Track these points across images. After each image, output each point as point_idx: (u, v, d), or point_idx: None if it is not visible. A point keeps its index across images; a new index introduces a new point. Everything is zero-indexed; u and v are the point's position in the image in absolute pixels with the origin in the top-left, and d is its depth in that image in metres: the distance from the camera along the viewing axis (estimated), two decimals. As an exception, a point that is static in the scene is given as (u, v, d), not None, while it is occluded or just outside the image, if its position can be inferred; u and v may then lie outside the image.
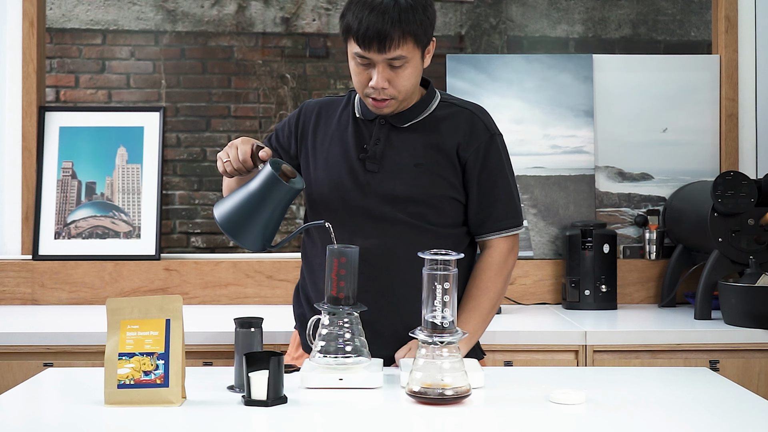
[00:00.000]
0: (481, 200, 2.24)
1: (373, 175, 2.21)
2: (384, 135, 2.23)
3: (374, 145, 2.22)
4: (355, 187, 2.21)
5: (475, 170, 2.23)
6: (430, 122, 2.25)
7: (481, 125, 2.25)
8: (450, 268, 1.85)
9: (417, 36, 2.11)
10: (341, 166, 2.23)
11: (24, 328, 2.86)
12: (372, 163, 2.21)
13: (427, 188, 2.20)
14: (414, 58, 2.13)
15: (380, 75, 2.12)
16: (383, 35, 2.07)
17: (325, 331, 1.99)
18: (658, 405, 1.88)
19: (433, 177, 2.20)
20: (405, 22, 2.08)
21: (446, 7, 4.95)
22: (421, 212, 2.19)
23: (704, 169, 3.49)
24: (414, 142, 2.22)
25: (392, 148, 2.22)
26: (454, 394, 1.83)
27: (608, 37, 4.87)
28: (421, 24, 2.10)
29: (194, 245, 5.03)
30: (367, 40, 2.08)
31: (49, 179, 3.40)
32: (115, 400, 1.83)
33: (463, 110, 2.27)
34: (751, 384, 2.77)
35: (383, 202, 2.19)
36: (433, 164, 2.21)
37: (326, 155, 2.26)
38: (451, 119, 2.25)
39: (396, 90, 2.15)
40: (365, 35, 2.08)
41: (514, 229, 2.27)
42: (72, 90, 4.94)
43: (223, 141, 5.01)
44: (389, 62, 2.11)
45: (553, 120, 3.48)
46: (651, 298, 3.40)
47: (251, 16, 4.98)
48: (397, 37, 2.08)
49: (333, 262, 1.98)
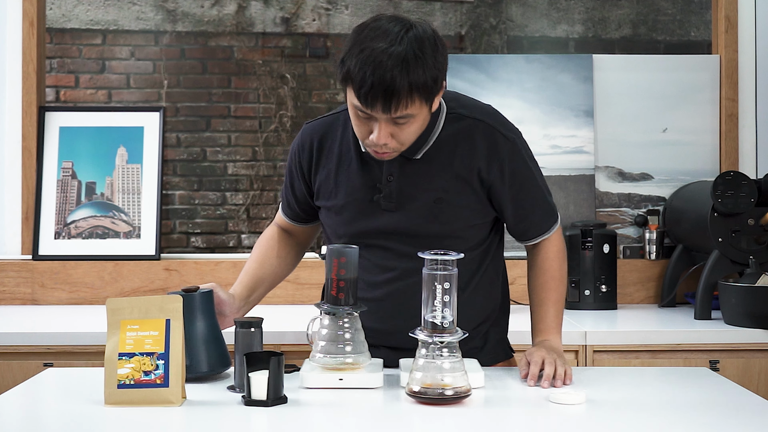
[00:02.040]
0: (517, 212, 2.13)
1: (390, 215, 2.07)
2: (396, 169, 2.06)
3: (387, 182, 2.06)
4: (373, 228, 2.10)
5: (504, 187, 2.09)
6: (443, 146, 2.06)
7: (499, 137, 2.08)
8: (450, 268, 1.85)
9: (428, 92, 1.91)
10: (355, 209, 2.10)
11: (24, 328, 2.86)
12: (388, 201, 2.07)
13: (450, 224, 2.07)
14: (421, 114, 1.94)
15: (382, 131, 1.93)
16: (389, 95, 1.86)
17: (325, 331, 1.99)
18: (658, 405, 1.88)
19: (455, 210, 2.06)
20: (414, 81, 1.87)
21: (446, 7, 4.95)
22: (445, 246, 2.01)
23: (704, 169, 3.49)
24: (430, 174, 2.06)
25: (408, 182, 2.06)
26: (454, 394, 1.83)
27: (608, 37, 4.87)
28: (431, 78, 1.90)
29: (194, 245, 5.04)
30: (370, 99, 1.88)
31: (49, 179, 3.40)
32: (115, 400, 1.83)
33: (475, 122, 2.08)
34: (751, 384, 2.77)
35: (404, 240, 2.06)
36: (453, 197, 2.06)
37: (335, 193, 2.12)
38: (465, 138, 2.07)
39: (399, 143, 1.97)
40: (368, 94, 1.87)
41: (555, 225, 2.19)
42: (72, 90, 4.94)
43: (223, 141, 5.01)
44: (393, 119, 1.92)
45: (553, 120, 3.48)
46: (651, 298, 3.40)
47: (251, 16, 4.98)
48: (405, 96, 1.87)
49: (333, 262, 1.97)
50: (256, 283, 2.25)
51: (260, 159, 5.04)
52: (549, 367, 2.01)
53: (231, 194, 5.04)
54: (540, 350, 2.08)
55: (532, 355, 2.06)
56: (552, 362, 2.02)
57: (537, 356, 2.05)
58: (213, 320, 2.07)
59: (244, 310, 2.22)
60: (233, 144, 5.04)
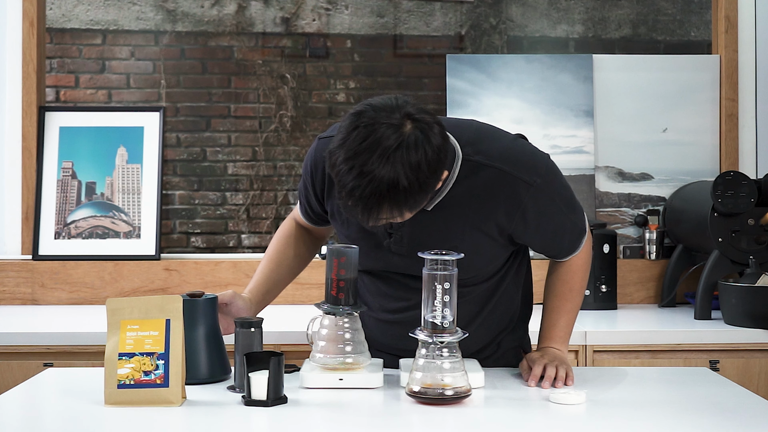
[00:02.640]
0: (545, 243, 2.06)
1: (401, 258, 2.00)
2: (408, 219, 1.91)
3: (398, 227, 1.96)
4: (385, 267, 2.05)
5: (528, 230, 1.99)
6: (457, 196, 1.94)
7: (520, 185, 1.93)
8: (450, 268, 1.85)
9: (417, 206, 1.82)
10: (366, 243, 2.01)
11: (24, 328, 2.86)
12: (398, 247, 1.99)
13: (465, 270, 1.93)
14: (414, 211, 1.84)
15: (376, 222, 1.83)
16: (367, 218, 1.78)
17: (325, 331, 1.99)
18: (658, 405, 1.88)
19: (470, 257, 1.92)
20: (397, 207, 1.77)
21: (446, 7, 4.95)
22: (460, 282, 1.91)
23: (704, 169, 3.49)
24: (444, 225, 1.96)
25: (420, 231, 1.96)
26: (454, 394, 1.83)
27: (608, 37, 4.87)
28: (416, 202, 1.79)
29: (194, 245, 5.04)
30: (349, 210, 1.80)
31: (49, 179, 3.40)
32: (115, 400, 1.82)
33: (494, 171, 1.93)
34: (751, 384, 2.77)
35: (417, 280, 1.93)
36: (468, 245, 1.94)
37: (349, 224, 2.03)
38: (482, 190, 1.93)
39: (399, 219, 1.86)
40: (350, 211, 1.80)
41: (583, 240, 2.11)
42: (72, 90, 4.94)
43: (223, 141, 5.01)
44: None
45: (553, 120, 3.48)
46: (651, 298, 3.40)
47: (251, 16, 4.98)
48: (387, 216, 1.79)
49: (333, 262, 1.97)
50: (272, 286, 2.25)
51: (260, 159, 5.04)
52: (550, 369, 2.00)
53: (231, 194, 5.04)
54: (542, 356, 2.07)
55: (534, 359, 2.06)
56: (554, 366, 2.01)
57: (539, 360, 2.04)
58: (215, 326, 2.07)
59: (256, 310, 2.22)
60: (233, 144, 5.04)
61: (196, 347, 2.02)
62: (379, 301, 2.11)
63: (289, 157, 5.06)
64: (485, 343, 2.15)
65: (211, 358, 2.03)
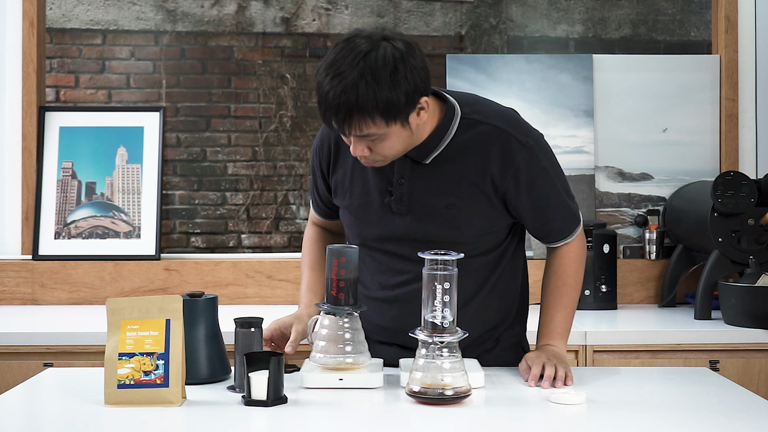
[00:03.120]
0: (537, 219, 2.10)
1: (402, 218, 2.05)
2: (407, 172, 2.04)
3: (399, 184, 2.04)
4: (386, 233, 2.09)
5: (520, 195, 2.04)
6: (454, 151, 2.02)
7: (514, 142, 2.02)
8: (450, 268, 1.85)
9: (386, 115, 1.87)
10: (369, 213, 2.09)
11: (24, 328, 2.86)
12: (399, 205, 2.05)
13: (461, 229, 2.04)
14: (391, 132, 1.90)
15: (356, 146, 1.93)
16: (341, 120, 1.87)
17: (325, 331, 1.99)
18: (658, 405, 1.88)
19: (467, 216, 2.03)
20: (365, 106, 1.84)
21: (446, 7, 4.95)
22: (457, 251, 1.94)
23: (704, 169, 3.49)
24: (442, 179, 2.03)
25: (419, 186, 2.03)
26: (454, 394, 1.83)
27: (608, 37, 4.87)
28: (388, 103, 1.85)
29: (194, 245, 5.03)
30: (327, 121, 1.90)
31: (49, 179, 3.40)
32: (115, 400, 1.83)
33: (489, 128, 2.03)
34: (751, 384, 2.77)
35: (417, 245, 2.00)
36: (465, 203, 2.03)
37: (350, 195, 2.12)
38: (479, 144, 2.02)
39: (380, 156, 1.95)
40: (325, 115, 1.89)
41: (577, 230, 2.16)
42: (72, 90, 4.94)
43: (223, 141, 5.01)
44: (360, 138, 1.91)
45: (553, 120, 3.48)
46: (651, 298, 3.40)
47: (251, 16, 4.98)
48: (356, 121, 1.87)
49: (333, 262, 1.97)
50: (318, 294, 2.25)
51: (260, 159, 5.04)
52: (549, 369, 2.00)
53: (231, 194, 5.04)
54: (540, 355, 2.07)
55: (533, 359, 2.06)
56: (552, 365, 2.02)
57: (538, 360, 2.05)
58: (215, 326, 2.07)
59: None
60: (233, 144, 5.04)
61: (196, 347, 2.02)
62: (378, 278, 2.13)
63: (289, 157, 5.06)
64: (484, 331, 2.14)
65: (211, 358, 2.03)
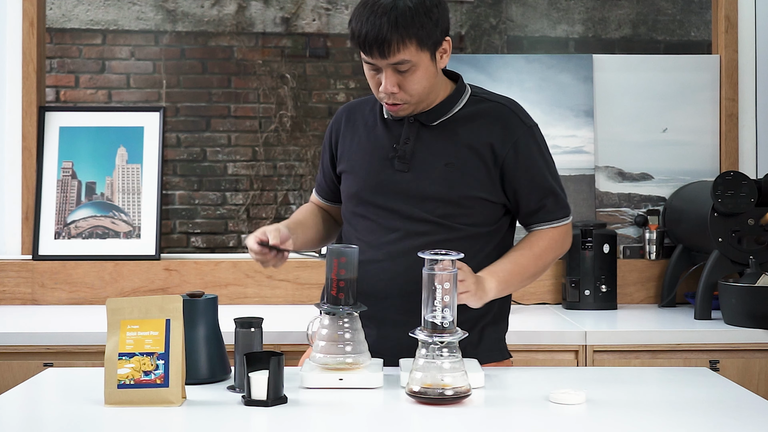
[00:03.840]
0: (530, 193, 2.18)
1: (402, 175, 2.17)
2: (414, 134, 2.18)
3: (404, 144, 2.18)
4: (384, 186, 2.18)
5: (517, 167, 2.16)
6: (461, 119, 2.19)
7: (516, 119, 2.19)
8: (450, 268, 1.85)
9: (420, 39, 2.06)
10: (370, 166, 2.20)
11: (24, 328, 2.86)
12: (401, 162, 2.17)
13: (457, 188, 2.14)
14: (422, 62, 2.08)
15: (388, 80, 2.09)
16: (381, 40, 2.03)
17: (325, 331, 1.99)
18: (658, 405, 1.88)
19: (464, 177, 2.15)
20: (403, 26, 2.03)
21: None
22: (451, 213, 2.15)
23: (704, 169, 3.49)
24: (445, 141, 2.17)
25: (422, 147, 2.18)
26: (454, 394, 1.83)
27: (608, 37, 4.87)
28: (422, 26, 2.05)
29: (194, 245, 5.04)
30: (367, 46, 2.06)
31: (49, 179, 3.40)
32: (115, 400, 1.83)
33: (496, 104, 2.22)
34: (751, 384, 2.77)
35: (412, 202, 2.15)
36: (464, 164, 2.15)
37: (355, 155, 2.24)
38: (484, 116, 2.19)
39: (408, 94, 2.11)
40: (365, 41, 2.05)
41: (564, 220, 2.22)
42: (72, 90, 4.94)
43: (223, 141, 5.01)
44: (395, 67, 2.07)
45: (553, 120, 3.48)
46: (651, 298, 3.40)
47: (251, 16, 4.98)
48: (396, 41, 2.04)
49: (333, 262, 1.98)
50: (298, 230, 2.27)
51: (260, 159, 5.04)
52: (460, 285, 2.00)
53: (231, 194, 5.05)
54: (470, 276, 2.04)
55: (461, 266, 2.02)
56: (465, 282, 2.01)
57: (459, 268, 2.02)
58: (215, 326, 2.07)
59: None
60: (233, 144, 5.04)
61: (196, 347, 2.02)
62: (368, 237, 2.18)
63: (289, 157, 5.06)
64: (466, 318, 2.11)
65: (211, 358, 2.03)
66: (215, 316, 2.07)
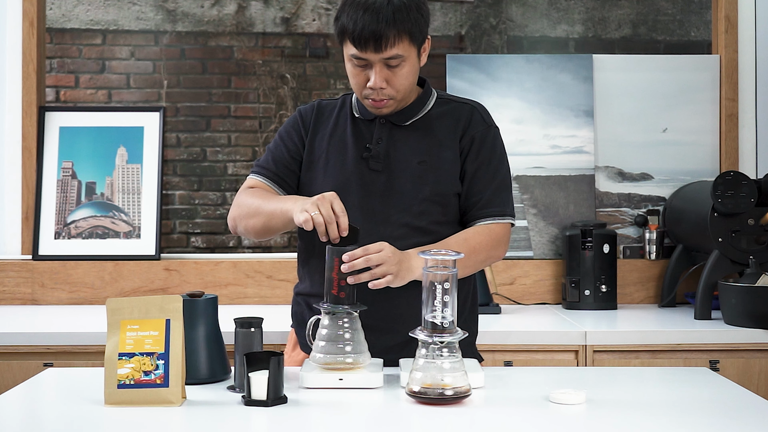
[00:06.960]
0: (470, 186, 2.22)
1: (377, 174, 2.21)
2: (386, 134, 2.23)
3: (377, 144, 2.22)
4: (359, 187, 2.20)
5: (470, 157, 2.23)
6: (430, 119, 2.26)
7: (479, 117, 2.27)
8: (450, 268, 1.85)
9: (412, 34, 2.12)
10: (343, 167, 2.22)
11: (24, 328, 2.86)
12: (376, 162, 2.21)
13: (431, 186, 2.19)
14: (410, 57, 2.15)
15: (378, 75, 2.13)
16: (378, 35, 2.08)
17: (325, 331, 1.99)
18: (658, 405, 1.88)
19: (437, 174, 2.20)
20: (399, 20, 2.09)
21: (446, 7, 4.95)
22: (426, 210, 2.18)
23: (704, 169, 3.49)
24: (416, 140, 2.23)
25: (395, 146, 2.23)
26: (454, 394, 1.83)
27: (608, 37, 4.87)
28: (415, 22, 2.12)
29: (194, 245, 5.03)
30: (362, 41, 2.09)
31: (49, 179, 3.40)
32: (115, 400, 1.83)
33: (462, 104, 2.29)
34: (751, 384, 2.77)
35: (388, 201, 2.18)
36: (436, 161, 2.21)
37: (326, 155, 2.25)
38: (451, 115, 2.27)
39: (394, 89, 2.16)
40: (361, 36, 2.09)
41: (499, 218, 2.21)
42: (72, 90, 4.94)
43: (223, 141, 5.01)
44: (386, 62, 2.12)
45: (553, 120, 3.48)
46: (651, 298, 3.40)
47: (251, 16, 4.98)
48: (392, 36, 2.09)
49: (333, 262, 1.98)
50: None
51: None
52: (382, 268, 1.99)
53: (231, 194, 5.04)
54: (395, 254, 2.04)
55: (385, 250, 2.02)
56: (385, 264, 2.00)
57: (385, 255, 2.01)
58: (215, 326, 2.07)
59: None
60: (233, 144, 5.04)
61: (196, 347, 2.02)
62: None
63: (289, 157, 5.05)
64: None
65: (211, 358, 2.03)
66: (215, 316, 2.07)
